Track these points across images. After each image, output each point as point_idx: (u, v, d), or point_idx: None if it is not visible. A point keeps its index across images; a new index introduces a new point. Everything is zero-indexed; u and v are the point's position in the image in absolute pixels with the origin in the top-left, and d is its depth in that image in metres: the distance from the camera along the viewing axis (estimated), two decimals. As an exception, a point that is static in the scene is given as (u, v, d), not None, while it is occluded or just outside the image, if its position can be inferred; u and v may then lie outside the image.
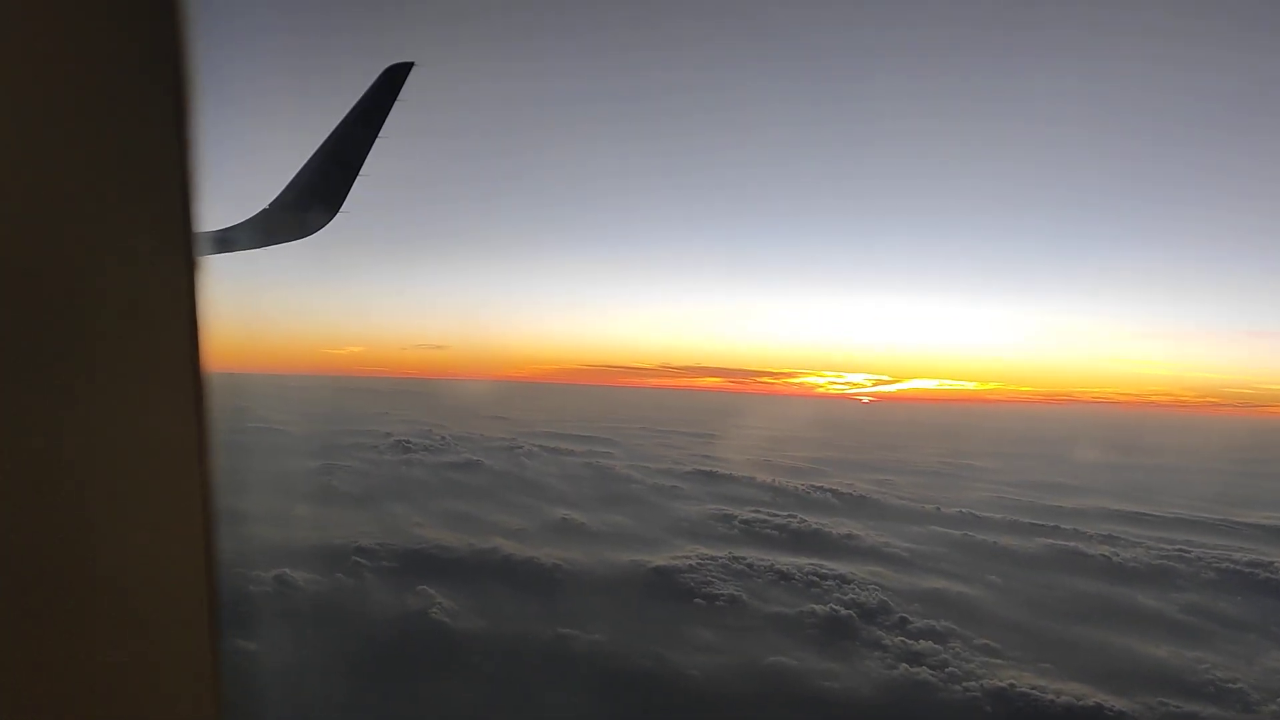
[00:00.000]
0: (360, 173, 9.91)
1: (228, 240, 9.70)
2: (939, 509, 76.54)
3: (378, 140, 9.98)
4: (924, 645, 39.54)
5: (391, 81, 10.09)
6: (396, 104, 10.02)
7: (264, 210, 10.15)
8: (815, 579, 49.28)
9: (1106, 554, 61.16)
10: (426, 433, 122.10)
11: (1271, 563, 59.36)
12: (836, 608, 44.18)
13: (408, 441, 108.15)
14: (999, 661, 38.45)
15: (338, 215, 9.98)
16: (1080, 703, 34.51)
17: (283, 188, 10.22)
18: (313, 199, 10.01)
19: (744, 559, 52.77)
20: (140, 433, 1.64)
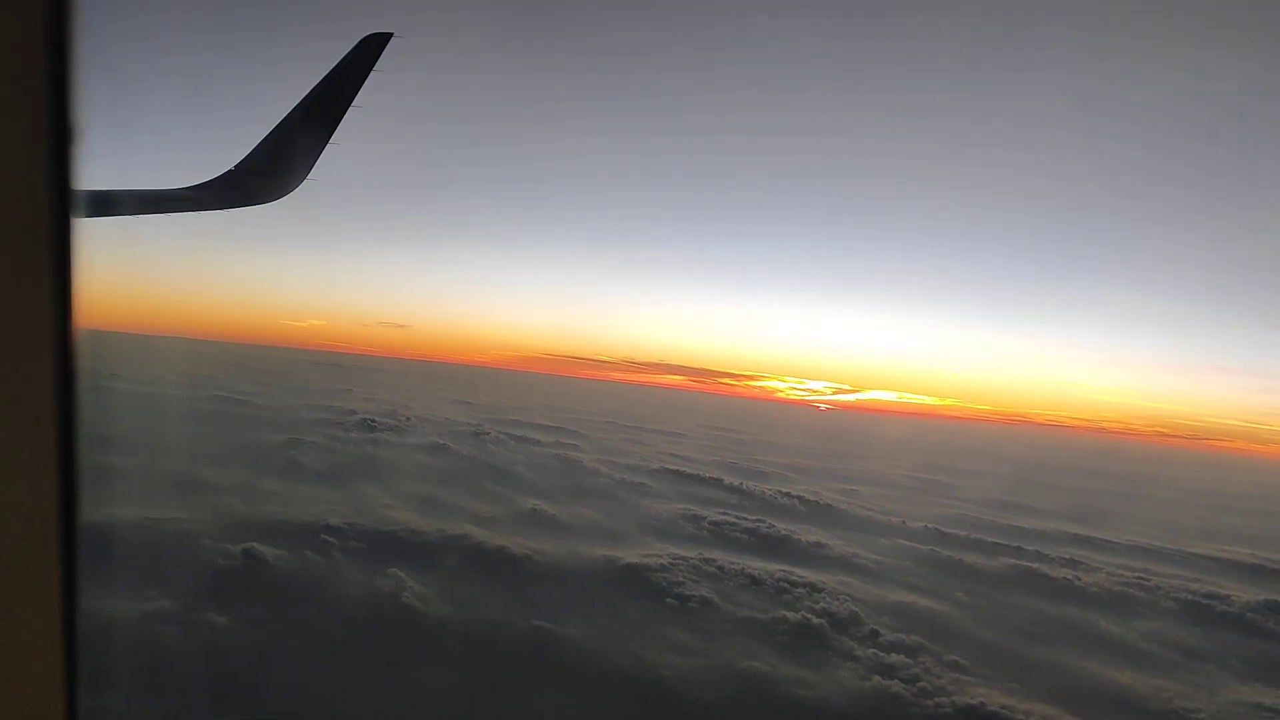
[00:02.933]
0: (330, 141, 9.76)
1: (190, 200, 9.48)
2: (904, 522, 77.07)
3: (351, 110, 9.82)
4: (895, 659, 39.65)
5: (368, 51, 9.97)
6: (372, 74, 9.90)
7: (229, 172, 9.94)
8: (786, 585, 49.30)
9: (1069, 577, 61.87)
10: (391, 413, 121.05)
11: (1228, 596, 60.37)
12: (808, 616, 44.22)
13: (373, 420, 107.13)
14: (968, 679, 38.66)
15: (305, 183, 9.81)
16: (1049, 725, 34.79)
17: (250, 150, 9.98)
18: (280, 165, 9.85)
19: (714, 561, 52.70)
20: None
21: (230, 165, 9.93)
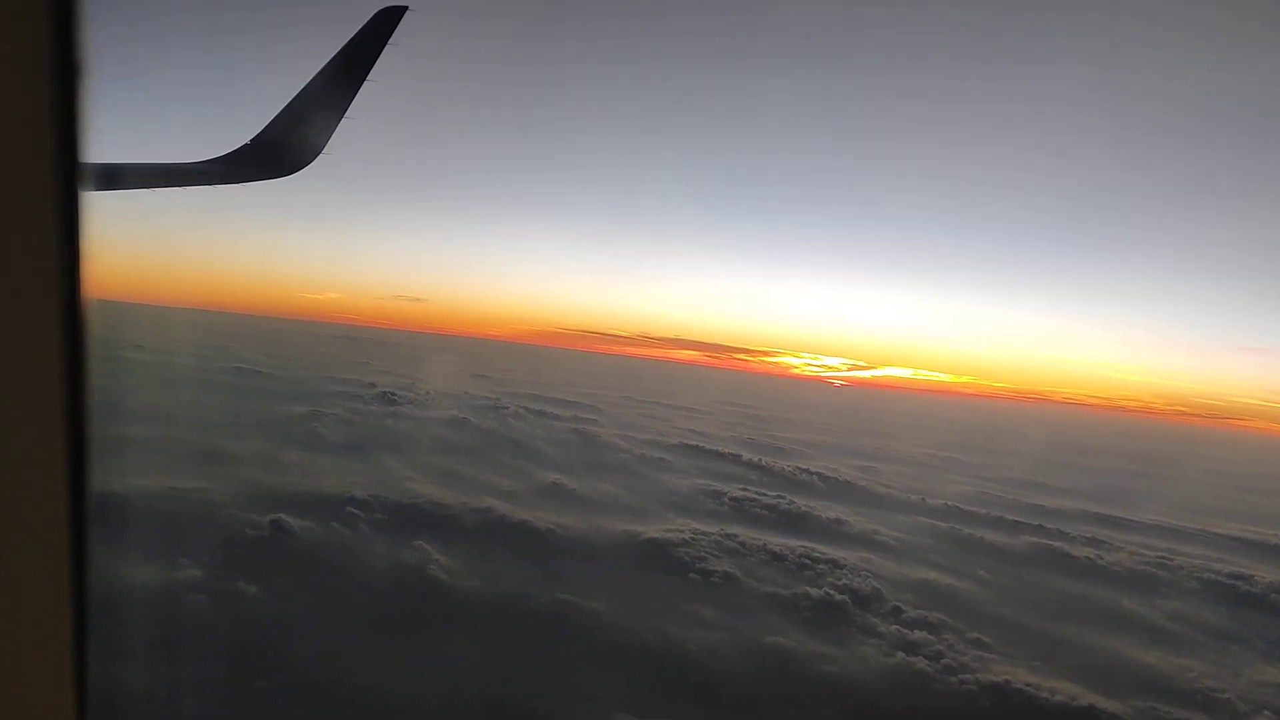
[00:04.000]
0: (345, 116, 9.67)
1: (209, 173, 9.49)
2: (924, 500, 76.96)
3: (366, 84, 9.77)
4: (919, 635, 39.66)
5: (383, 24, 9.94)
6: (387, 48, 9.89)
7: (245, 145, 9.94)
8: (807, 562, 49.35)
9: (1091, 556, 61.70)
10: (410, 386, 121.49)
11: (1251, 576, 60.12)
12: (831, 592, 44.26)
13: (392, 394, 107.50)
14: (992, 656, 38.64)
15: (320, 157, 9.77)
16: (1074, 703, 34.76)
17: (266, 124, 9.94)
18: (296, 138, 9.83)
19: (736, 537, 52.77)
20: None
21: (246, 139, 9.93)
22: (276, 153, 9.70)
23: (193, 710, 25.14)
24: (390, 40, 9.77)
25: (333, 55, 9.80)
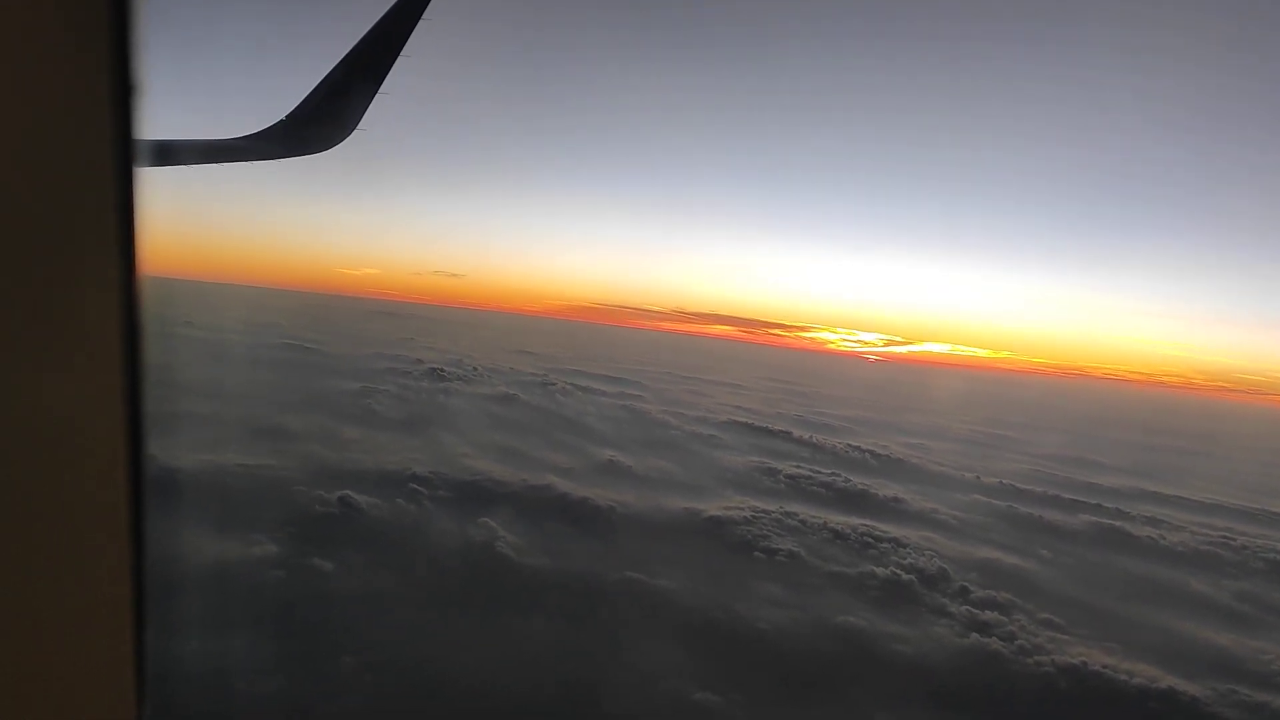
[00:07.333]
0: (381, 91, 9.70)
1: (243, 150, 9.43)
2: (979, 478, 76.39)
3: (401, 59, 9.72)
4: (990, 616, 39.40)
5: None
6: (422, 22, 9.78)
7: (281, 122, 9.84)
8: (870, 540, 49.15)
9: (1152, 536, 61.00)
10: (458, 362, 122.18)
11: (1318, 557, 59.14)
12: (897, 571, 44.06)
13: (441, 370, 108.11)
14: (1065, 638, 38.28)
15: (356, 132, 9.67)
16: (1153, 685, 34.40)
17: (302, 100, 9.97)
18: (332, 114, 9.74)
19: (796, 515, 52.62)
20: (59, 351, 1.54)
21: (283, 115, 9.90)
22: (312, 129, 9.68)
23: (287, 685, 25.48)
24: (425, 15, 9.73)
25: (367, 30, 9.77)
